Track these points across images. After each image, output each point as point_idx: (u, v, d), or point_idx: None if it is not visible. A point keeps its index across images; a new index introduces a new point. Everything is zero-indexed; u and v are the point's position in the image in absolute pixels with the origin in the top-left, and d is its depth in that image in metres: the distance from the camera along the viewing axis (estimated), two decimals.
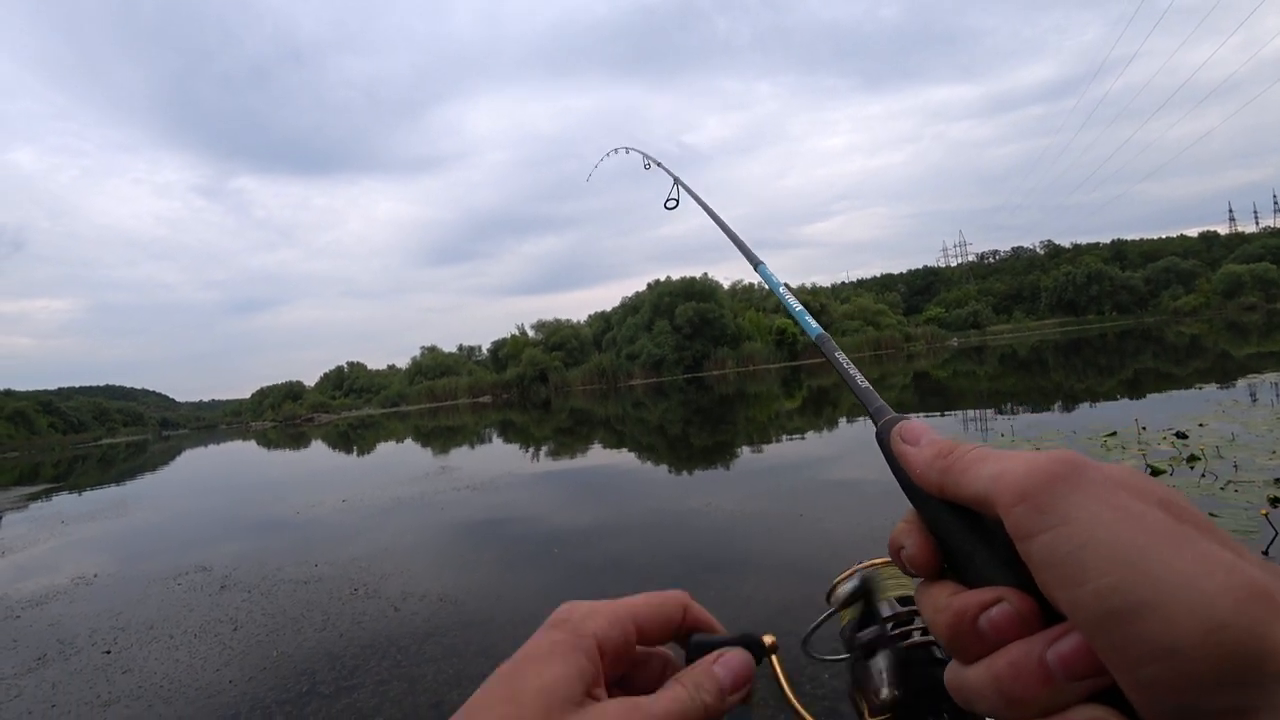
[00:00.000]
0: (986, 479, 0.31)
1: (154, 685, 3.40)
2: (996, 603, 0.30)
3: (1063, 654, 0.27)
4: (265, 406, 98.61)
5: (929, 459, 0.35)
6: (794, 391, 22.31)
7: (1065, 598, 0.27)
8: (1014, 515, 0.29)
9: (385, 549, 5.74)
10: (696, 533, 5.14)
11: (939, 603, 0.33)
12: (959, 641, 0.31)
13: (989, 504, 0.30)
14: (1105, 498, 0.27)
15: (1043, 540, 0.28)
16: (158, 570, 5.93)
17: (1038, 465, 0.29)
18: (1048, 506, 0.28)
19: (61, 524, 9.99)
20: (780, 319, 62.21)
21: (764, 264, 0.85)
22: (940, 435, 0.36)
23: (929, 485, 0.34)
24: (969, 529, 0.33)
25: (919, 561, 0.35)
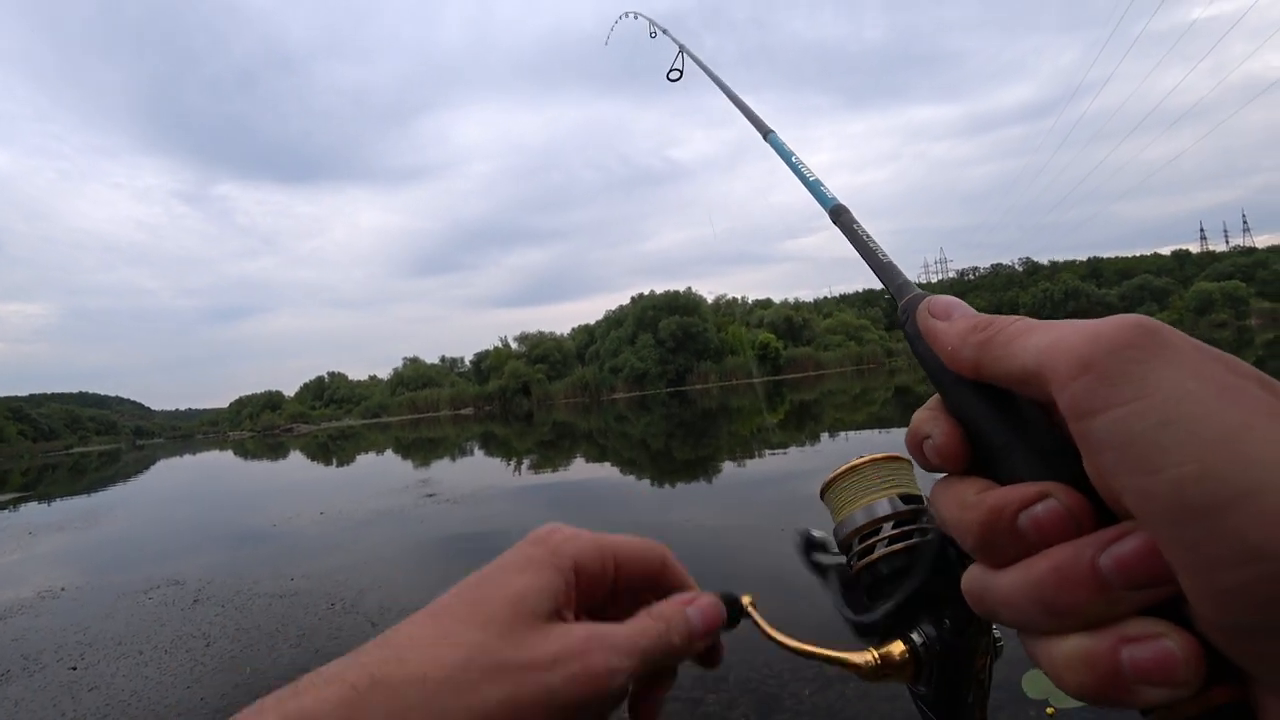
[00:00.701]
0: (1036, 350, 0.26)
1: (122, 703, 3.30)
2: (1042, 499, 0.25)
3: (1122, 557, 0.23)
4: (244, 416, 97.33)
5: (963, 332, 0.30)
6: (777, 406, 22.38)
7: (1135, 487, 0.22)
8: (1073, 389, 0.24)
9: (364, 562, 5.65)
10: (678, 547, 5.09)
11: (967, 499, 0.28)
12: (992, 542, 0.26)
13: (1038, 379, 0.25)
14: (1193, 367, 0.22)
15: (1110, 417, 0.22)
16: (128, 583, 5.79)
17: (1105, 330, 0.24)
18: (1119, 376, 0.23)
19: (29, 535, 9.74)
20: (764, 334, 62.60)
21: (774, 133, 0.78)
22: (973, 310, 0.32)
23: (962, 364, 0.29)
24: (1007, 414, 0.29)
25: (947, 451, 0.30)
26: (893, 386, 26.12)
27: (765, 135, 0.79)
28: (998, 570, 0.26)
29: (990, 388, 0.29)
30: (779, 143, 0.75)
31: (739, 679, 2.81)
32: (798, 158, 0.69)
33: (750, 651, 2.96)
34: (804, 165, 0.66)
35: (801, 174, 0.65)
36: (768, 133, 0.79)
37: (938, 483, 0.31)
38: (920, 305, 0.34)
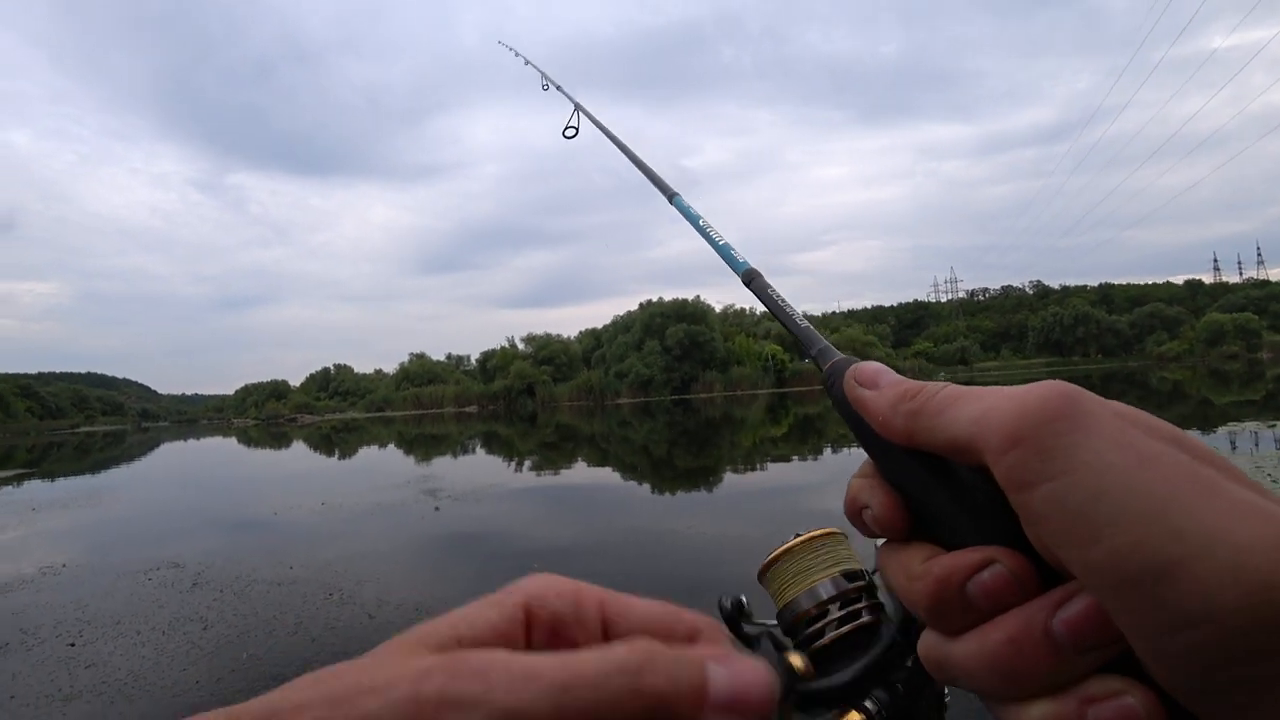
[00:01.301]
0: (968, 420, 0.26)
1: (118, 681, 3.32)
2: (988, 565, 0.25)
3: (1071, 620, 0.23)
4: (249, 404, 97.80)
5: (892, 401, 0.30)
6: (780, 418, 22.36)
7: (1075, 558, 0.23)
8: (1006, 462, 0.24)
9: (363, 554, 5.67)
10: (677, 553, 5.13)
11: (913, 569, 0.28)
12: (943, 612, 0.26)
13: (971, 450, 0.26)
14: (1114, 436, 0.23)
15: (1045, 491, 0.23)
16: (128, 564, 5.82)
17: (1030, 402, 0.24)
18: (1048, 450, 0.23)
19: (32, 511, 9.82)
20: (770, 345, 62.55)
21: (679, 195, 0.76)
22: (901, 376, 0.31)
23: (894, 433, 0.29)
24: (944, 480, 0.28)
25: (886, 522, 0.30)
26: None
27: (670, 198, 0.76)
28: (952, 639, 0.27)
29: (924, 454, 0.29)
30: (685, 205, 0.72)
31: None
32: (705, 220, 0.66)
33: None
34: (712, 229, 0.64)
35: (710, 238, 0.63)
36: (673, 195, 0.76)
37: (882, 550, 0.31)
38: (846, 374, 0.33)
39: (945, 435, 0.27)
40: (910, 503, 0.29)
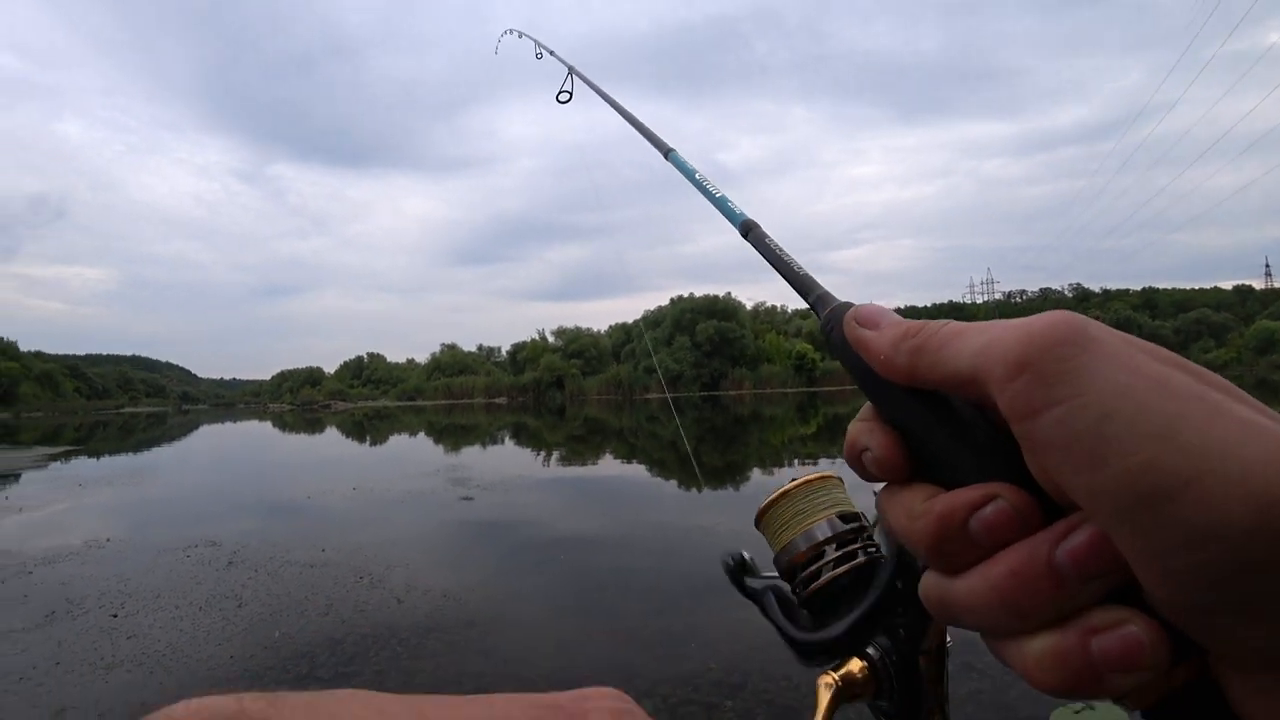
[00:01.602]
0: (971, 353, 0.26)
1: (156, 653, 3.43)
2: (989, 501, 0.25)
3: (1075, 550, 0.23)
4: (284, 390, 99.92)
5: (894, 339, 0.30)
6: (810, 417, 22.18)
7: (1082, 484, 0.23)
8: (1012, 390, 0.24)
9: (392, 540, 5.77)
10: (703, 550, 5.12)
11: (914, 508, 0.28)
12: (945, 550, 0.26)
13: (975, 382, 0.26)
14: (1121, 359, 0.23)
15: (1051, 416, 0.23)
16: (168, 540, 6.00)
17: (1035, 329, 0.24)
18: (1055, 375, 0.23)
19: (78, 486, 10.16)
20: (801, 343, 62.07)
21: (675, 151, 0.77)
22: (900, 317, 0.32)
23: (896, 371, 0.29)
24: (945, 418, 0.28)
25: (886, 463, 0.30)
26: None
27: (666, 154, 0.78)
28: (954, 576, 0.26)
29: (924, 393, 0.29)
30: (681, 161, 0.74)
31: (756, 689, 2.82)
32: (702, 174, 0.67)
33: (771, 663, 2.96)
34: (709, 182, 0.65)
35: (707, 191, 0.63)
36: (668, 151, 0.77)
37: (882, 492, 0.31)
38: (846, 315, 0.33)
39: (949, 369, 0.27)
40: (910, 443, 0.29)
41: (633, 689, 2.83)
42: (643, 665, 3.11)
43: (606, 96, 1.04)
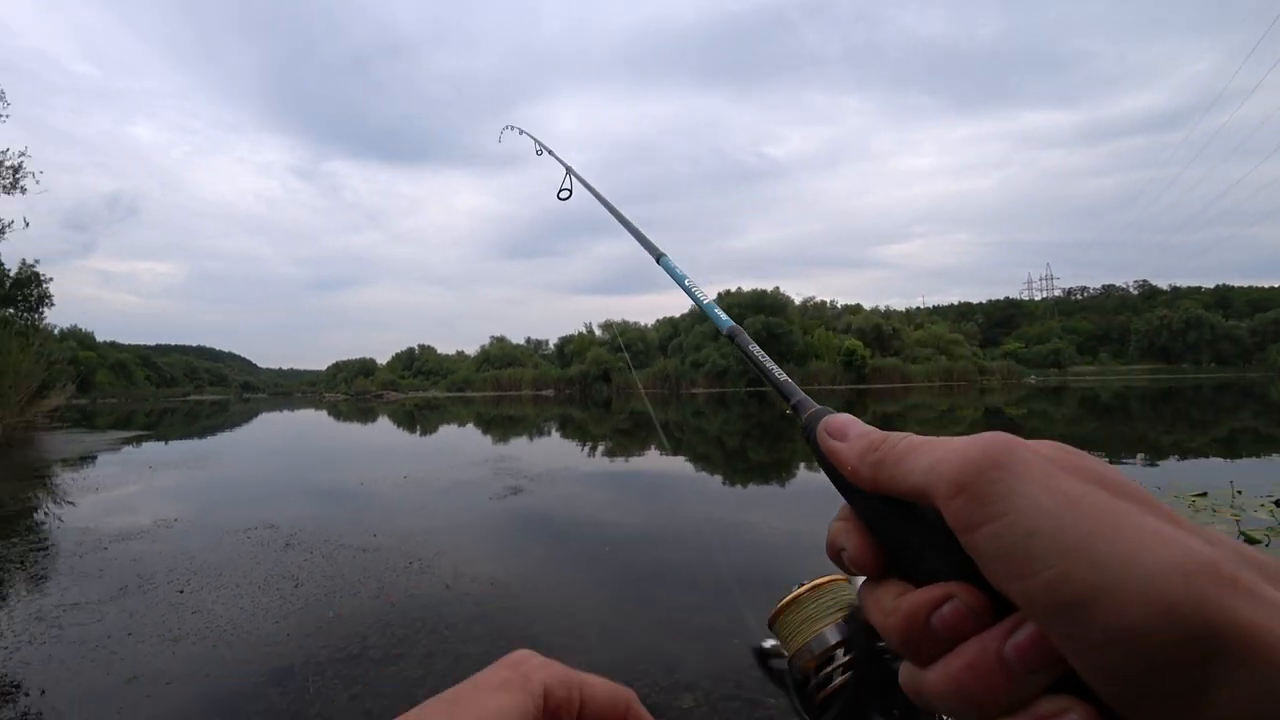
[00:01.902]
0: (921, 471, 0.29)
1: (219, 628, 3.59)
2: (947, 600, 0.29)
3: (1019, 646, 0.26)
4: (339, 380, 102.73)
5: (859, 453, 0.33)
6: (858, 416, 21.75)
7: (1015, 590, 0.26)
8: (953, 508, 0.28)
9: (441, 528, 5.89)
10: (747, 547, 5.09)
11: (886, 605, 0.31)
12: (912, 644, 0.30)
13: (927, 496, 0.29)
14: (1044, 481, 0.26)
15: (986, 532, 0.26)
16: (230, 522, 6.25)
17: (971, 453, 0.28)
18: (987, 496, 0.27)
19: (149, 469, 10.66)
20: (850, 341, 61.00)
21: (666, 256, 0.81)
22: (867, 427, 0.35)
23: (862, 481, 0.33)
24: (909, 523, 0.31)
25: (861, 562, 0.33)
26: (982, 407, 24.95)
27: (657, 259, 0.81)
28: (925, 668, 0.29)
29: (891, 499, 0.32)
30: (671, 266, 0.76)
31: None
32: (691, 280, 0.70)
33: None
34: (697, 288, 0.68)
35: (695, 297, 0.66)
36: (660, 256, 0.81)
37: (862, 587, 0.34)
38: (819, 425, 0.37)
39: (905, 483, 0.30)
40: (883, 543, 0.33)
41: (675, 681, 2.84)
42: (685, 658, 3.12)
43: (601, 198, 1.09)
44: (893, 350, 65.36)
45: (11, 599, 4.17)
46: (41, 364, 16.23)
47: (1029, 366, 77.68)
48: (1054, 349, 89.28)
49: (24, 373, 14.82)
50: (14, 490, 8.52)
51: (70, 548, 5.43)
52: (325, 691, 2.85)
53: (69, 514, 6.98)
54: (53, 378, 18.06)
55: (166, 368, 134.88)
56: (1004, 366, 66.53)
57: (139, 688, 2.94)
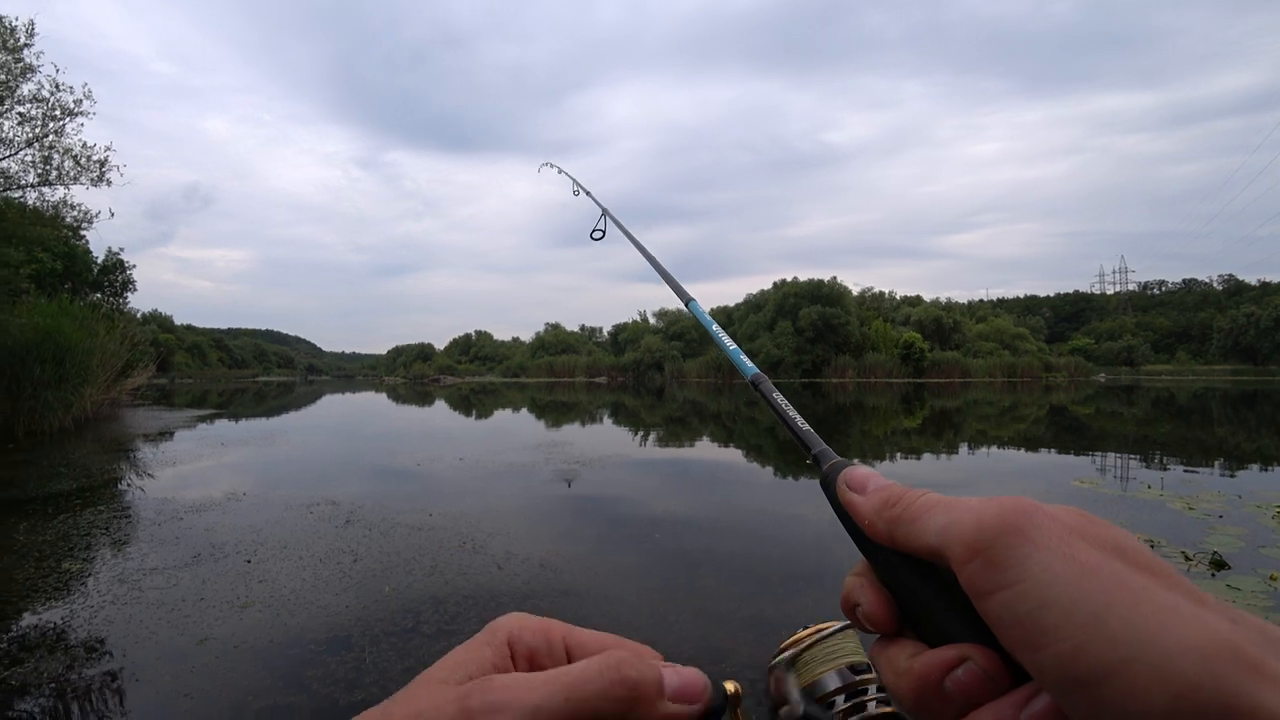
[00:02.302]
0: (936, 531, 0.29)
1: (283, 597, 3.75)
2: (961, 662, 0.28)
3: (1035, 717, 0.26)
4: (398, 364, 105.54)
5: (876, 507, 0.33)
6: (915, 410, 21.30)
7: (1028, 660, 0.25)
8: (967, 572, 0.27)
9: (494, 509, 6.01)
10: (796, 540, 5.05)
11: (899, 665, 0.30)
12: (924, 707, 0.29)
13: (942, 557, 0.29)
14: (1059, 549, 0.26)
15: (999, 599, 0.26)
16: (294, 498, 6.51)
17: (987, 516, 0.27)
18: (1001, 562, 0.26)
19: (221, 445, 11.18)
20: (909, 333, 59.53)
21: (695, 301, 0.82)
22: (887, 481, 0.35)
23: (879, 536, 0.33)
24: (925, 581, 0.31)
25: (875, 618, 0.33)
26: (1047, 405, 24.04)
27: (686, 303, 0.83)
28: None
29: (909, 557, 0.31)
30: (699, 310, 0.79)
31: None
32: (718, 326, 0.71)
33: None
34: (723, 333, 0.69)
35: (722, 342, 0.68)
36: (689, 300, 0.83)
37: (875, 645, 0.33)
38: (839, 477, 0.37)
39: (920, 542, 0.30)
40: (898, 601, 0.32)
41: (723, 669, 2.84)
42: (733, 648, 3.11)
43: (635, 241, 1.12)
44: (953, 344, 63.48)
45: (98, 562, 4.44)
46: (126, 345, 17.15)
47: (1099, 364, 74.41)
48: (1126, 346, 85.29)
49: (110, 353, 15.70)
50: (102, 462, 9.06)
51: (150, 516, 5.74)
52: (380, 662, 2.95)
53: (149, 485, 7.38)
54: (136, 358, 19.08)
55: (237, 350, 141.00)
56: (1072, 363, 63.82)
57: (210, 649, 3.09)
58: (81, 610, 3.58)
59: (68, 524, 5.43)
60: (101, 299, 25.91)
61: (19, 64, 11.24)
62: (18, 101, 11.34)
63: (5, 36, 11.07)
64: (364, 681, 2.77)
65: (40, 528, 5.29)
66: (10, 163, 11.57)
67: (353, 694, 2.67)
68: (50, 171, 11.71)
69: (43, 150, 11.62)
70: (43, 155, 11.63)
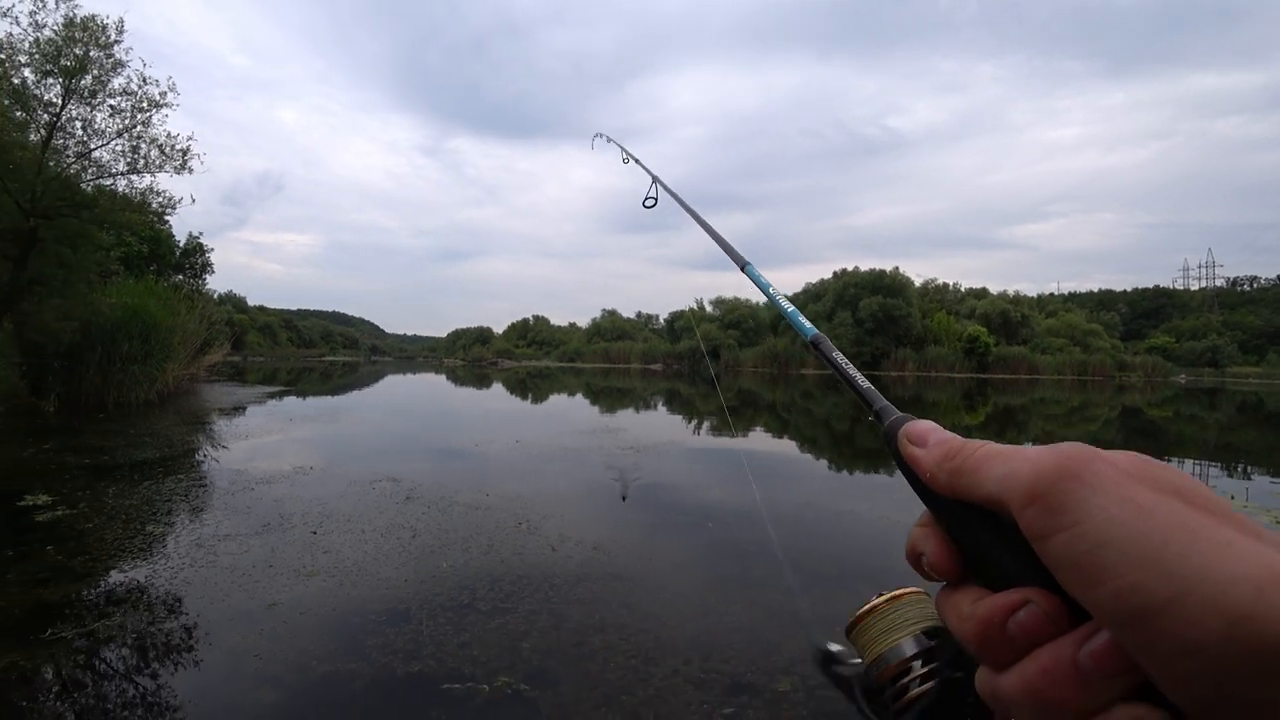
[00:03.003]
0: (996, 479, 0.30)
1: (346, 568, 3.89)
2: (1023, 605, 0.29)
3: (1094, 653, 0.27)
4: (458, 346, 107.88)
5: (937, 459, 0.34)
6: (977, 406, 20.64)
7: (1087, 599, 0.26)
8: (1026, 517, 0.28)
9: (548, 492, 6.10)
10: (852, 537, 4.97)
11: (963, 610, 0.32)
12: (989, 649, 0.30)
13: (1002, 504, 0.30)
14: (1116, 491, 0.27)
15: (1058, 541, 0.27)
16: (357, 473, 6.74)
17: (1045, 463, 0.28)
18: (1059, 506, 0.27)
19: (289, 421, 11.65)
20: (973, 326, 57.64)
21: (751, 264, 0.82)
22: (947, 434, 0.36)
23: (940, 487, 0.34)
24: (987, 529, 0.32)
25: (940, 567, 0.34)
26: (1119, 405, 22.96)
27: (742, 267, 0.84)
28: (1000, 673, 0.30)
29: (971, 505, 0.32)
30: (756, 274, 0.79)
31: None
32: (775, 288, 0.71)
33: None
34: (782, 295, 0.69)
35: (779, 304, 0.67)
36: (744, 264, 0.83)
37: (940, 593, 0.35)
38: (900, 431, 0.38)
39: (980, 491, 0.31)
40: (961, 549, 0.34)
41: (773, 663, 2.81)
42: (782, 640, 3.09)
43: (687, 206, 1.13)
44: (1020, 339, 61.16)
45: (178, 526, 4.69)
46: (204, 324, 18.04)
47: (1179, 364, 70.39)
48: (1211, 346, 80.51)
49: (190, 331, 16.55)
50: (181, 433, 9.56)
51: (224, 486, 6.04)
52: (437, 636, 3.03)
53: (223, 456, 7.75)
54: (213, 337, 20.02)
55: (305, 330, 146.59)
56: (1148, 362, 60.68)
57: (278, 614, 3.24)
58: (163, 570, 3.80)
59: (151, 490, 5.75)
60: (183, 280, 27.24)
61: (110, 59, 11.90)
62: (109, 95, 12.00)
63: (97, 34, 11.71)
64: (421, 654, 2.86)
65: (127, 492, 5.62)
66: (103, 152, 12.28)
67: (410, 665, 2.75)
68: (138, 160, 12.36)
69: (131, 140, 12.29)
70: (131, 145, 12.30)
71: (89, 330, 12.29)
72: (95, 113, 12.07)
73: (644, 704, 2.52)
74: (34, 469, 6.46)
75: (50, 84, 11.65)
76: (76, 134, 12.10)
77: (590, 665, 2.81)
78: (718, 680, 2.71)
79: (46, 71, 11.51)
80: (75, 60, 11.52)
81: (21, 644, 2.86)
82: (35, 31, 11.39)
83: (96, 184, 12.27)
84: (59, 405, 11.83)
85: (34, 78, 11.55)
